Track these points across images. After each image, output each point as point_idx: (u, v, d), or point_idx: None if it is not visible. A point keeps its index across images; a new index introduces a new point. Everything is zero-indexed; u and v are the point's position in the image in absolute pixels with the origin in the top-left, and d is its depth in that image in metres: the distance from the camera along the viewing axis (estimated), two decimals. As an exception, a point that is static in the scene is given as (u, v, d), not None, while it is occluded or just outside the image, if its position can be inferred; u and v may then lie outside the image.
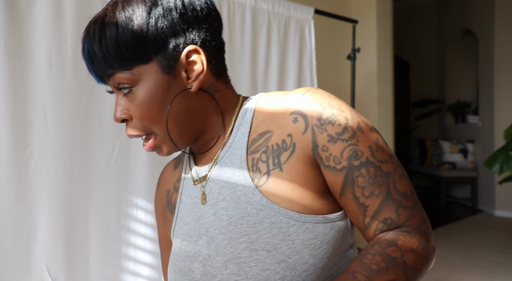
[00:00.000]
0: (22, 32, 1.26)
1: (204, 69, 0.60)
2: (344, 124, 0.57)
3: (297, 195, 0.57)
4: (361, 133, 0.58)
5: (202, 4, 0.61)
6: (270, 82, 2.04)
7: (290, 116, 0.59)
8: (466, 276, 3.00)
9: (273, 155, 0.59)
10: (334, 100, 0.60)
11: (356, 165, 0.56)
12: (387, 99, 3.38)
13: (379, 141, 0.59)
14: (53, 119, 1.32)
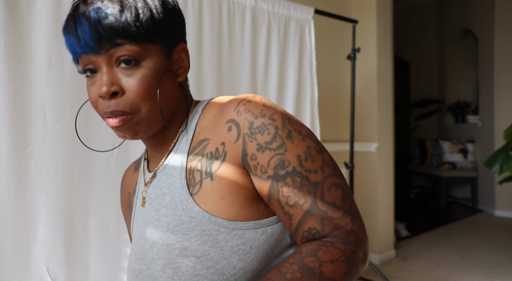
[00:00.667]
0: (22, 32, 1.26)
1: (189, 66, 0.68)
2: (273, 134, 0.57)
3: (226, 203, 0.59)
4: (291, 142, 0.58)
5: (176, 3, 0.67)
6: (270, 82, 2.04)
7: (226, 124, 0.60)
8: (466, 276, 3.00)
9: (206, 163, 0.61)
10: (267, 109, 0.59)
11: (281, 174, 0.57)
12: (387, 99, 3.38)
13: (311, 149, 0.59)
14: (52, 119, 1.32)
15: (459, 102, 6.06)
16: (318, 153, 0.60)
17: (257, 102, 0.60)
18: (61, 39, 1.33)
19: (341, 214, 0.57)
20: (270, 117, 0.58)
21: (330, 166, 0.60)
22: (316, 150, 0.60)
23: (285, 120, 0.59)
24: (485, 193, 5.31)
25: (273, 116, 0.59)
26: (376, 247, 3.28)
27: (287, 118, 0.60)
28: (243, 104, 0.60)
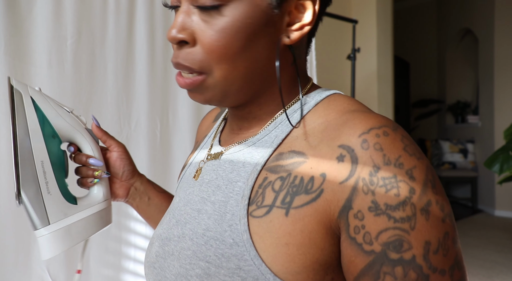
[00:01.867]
0: (22, 32, 1.26)
1: (312, 21, 0.47)
2: (404, 198, 0.39)
3: (288, 254, 0.41)
4: (425, 220, 0.39)
5: None
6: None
7: (338, 149, 0.42)
8: (466, 276, 3.00)
9: (289, 189, 0.43)
10: (408, 158, 0.40)
11: (392, 258, 0.38)
12: (387, 99, 3.38)
13: (448, 238, 0.40)
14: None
15: (459, 102, 6.06)
16: (453, 244, 0.40)
17: (396, 142, 0.41)
18: (61, 39, 1.33)
19: None
20: (407, 172, 0.40)
21: (462, 268, 0.40)
22: (453, 239, 0.40)
23: (429, 183, 0.40)
24: (485, 193, 5.31)
25: (413, 171, 0.40)
26: (376, 247, 3.27)
27: (432, 181, 0.40)
28: (376, 136, 0.41)
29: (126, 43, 1.47)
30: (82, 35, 1.38)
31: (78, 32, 1.36)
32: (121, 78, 1.46)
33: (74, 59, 1.36)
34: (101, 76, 1.43)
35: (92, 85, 1.40)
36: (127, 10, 1.48)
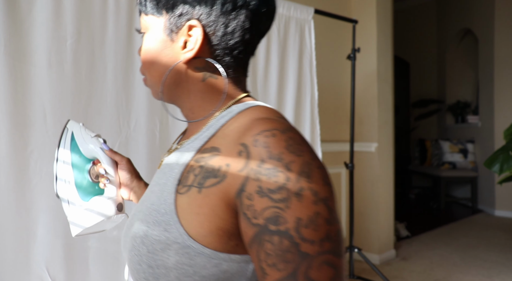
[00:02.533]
0: (22, 32, 1.26)
1: (196, 47, 0.61)
2: (281, 184, 0.50)
3: (198, 221, 0.55)
4: (298, 201, 0.50)
5: None
6: (270, 82, 2.04)
7: (239, 146, 0.55)
8: (466, 276, 3.00)
9: (204, 174, 0.57)
10: (287, 155, 0.51)
11: (271, 229, 0.50)
12: (387, 99, 3.38)
13: (319, 218, 0.50)
14: (52, 119, 1.32)
15: (459, 102, 6.06)
16: (326, 224, 0.50)
17: (280, 142, 0.52)
18: (61, 40, 1.33)
19: None
20: (285, 165, 0.51)
21: (334, 242, 0.51)
22: (325, 219, 0.50)
23: (304, 175, 0.51)
24: (485, 193, 5.31)
25: (290, 165, 0.51)
26: (376, 247, 3.28)
27: (307, 173, 0.51)
28: (265, 136, 0.53)
29: (126, 43, 1.47)
30: (82, 36, 1.38)
31: (78, 32, 1.36)
32: (120, 78, 1.46)
33: (74, 59, 1.36)
34: (101, 76, 1.43)
35: (91, 85, 1.40)
36: (127, 10, 1.48)
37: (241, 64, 0.65)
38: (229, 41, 0.62)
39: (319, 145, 2.30)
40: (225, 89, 0.64)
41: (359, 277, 2.81)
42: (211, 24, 0.60)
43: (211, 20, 0.60)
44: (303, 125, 2.22)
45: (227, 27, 0.61)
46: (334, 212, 0.52)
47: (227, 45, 0.62)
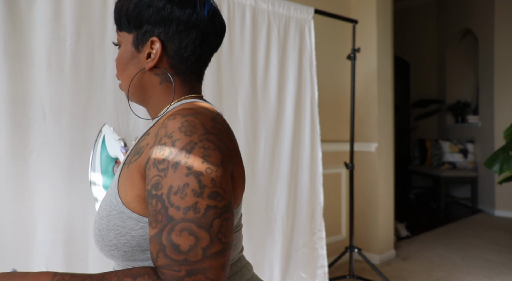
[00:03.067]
0: (21, 33, 1.26)
1: (155, 58, 0.75)
2: (165, 157, 0.61)
3: (125, 190, 0.68)
4: (173, 172, 0.60)
5: (183, 15, 0.73)
6: (270, 82, 2.04)
7: (157, 129, 0.68)
8: (466, 276, 3.00)
9: (133, 153, 0.71)
10: (177, 133, 0.62)
11: (153, 193, 0.60)
12: (387, 99, 3.38)
13: (188, 187, 0.59)
14: (52, 119, 1.32)
15: (459, 102, 6.06)
16: (193, 195, 0.58)
17: (175, 123, 0.63)
18: (61, 40, 1.33)
19: (180, 259, 0.56)
20: (172, 142, 0.61)
21: (199, 214, 0.58)
22: (193, 191, 0.58)
23: (184, 151, 0.60)
24: (485, 193, 5.31)
25: (176, 142, 0.61)
26: (376, 247, 3.28)
27: (188, 151, 0.60)
28: (169, 119, 0.65)
29: (126, 43, 1.47)
30: (81, 36, 1.38)
31: (78, 32, 1.36)
32: (120, 78, 1.46)
33: (73, 59, 1.36)
34: (100, 77, 1.43)
35: (91, 85, 1.40)
36: (127, 10, 1.49)
37: (195, 72, 0.79)
38: (183, 54, 0.76)
39: (319, 144, 2.30)
40: (174, 90, 0.77)
41: (359, 277, 2.81)
42: (168, 40, 0.75)
43: (169, 37, 0.75)
44: (303, 125, 2.22)
45: (181, 43, 0.75)
46: (208, 188, 0.60)
47: (182, 57, 0.76)
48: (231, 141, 0.68)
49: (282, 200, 2.10)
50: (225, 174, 0.63)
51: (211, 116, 0.67)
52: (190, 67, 0.78)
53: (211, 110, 0.72)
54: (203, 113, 0.66)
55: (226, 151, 0.65)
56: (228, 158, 0.65)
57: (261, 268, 2.02)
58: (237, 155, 0.70)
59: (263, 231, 2.03)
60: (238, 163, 0.70)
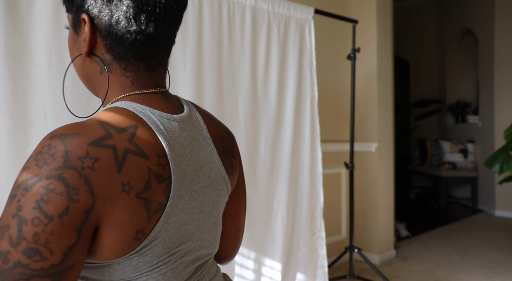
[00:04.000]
0: (22, 32, 1.26)
1: (86, 39, 0.62)
2: (14, 182, 0.52)
3: None
4: (8, 204, 0.50)
5: None
6: (270, 82, 2.04)
7: None
8: (466, 276, 3.00)
9: None
10: (31, 161, 0.51)
11: None
12: (387, 99, 3.38)
13: (8, 231, 0.49)
14: (53, 119, 1.32)
15: (459, 102, 6.05)
16: (9, 243, 0.48)
17: (38, 146, 0.52)
18: (61, 39, 1.33)
19: None
20: (23, 169, 0.52)
21: (7, 266, 0.48)
22: (10, 238, 0.48)
23: (24, 185, 0.50)
24: (485, 193, 5.31)
25: (24, 171, 0.51)
26: (376, 247, 3.28)
27: (28, 187, 0.50)
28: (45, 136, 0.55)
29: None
30: (82, 35, 1.38)
31: (78, 32, 1.37)
32: (121, 78, 1.46)
33: (74, 59, 1.36)
34: (101, 76, 1.43)
35: (92, 85, 1.40)
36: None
37: (140, 56, 0.63)
38: (117, 32, 0.60)
39: (319, 144, 2.30)
40: (108, 83, 0.63)
41: (359, 277, 2.81)
42: (97, 15, 0.60)
43: (96, 11, 0.60)
44: (303, 125, 2.22)
45: (111, 17, 0.60)
46: (26, 242, 0.48)
47: (116, 36, 0.61)
48: (113, 176, 0.52)
49: (282, 200, 2.10)
50: (63, 229, 0.49)
51: (94, 139, 0.52)
52: (130, 49, 0.61)
53: (112, 125, 0.56)
54: (83, 134, 0.52)
55: (85, 196, 0.50)
56: (82, 208, 0.50)
57: (261, 268, 2.03)
58: (119, 195, 0.53)
59: (263, 231, 2.03)
60: (117, 206, 0.53)
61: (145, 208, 0.55)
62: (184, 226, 0.63)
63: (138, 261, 0.58)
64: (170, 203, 0.59)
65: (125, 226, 0.54)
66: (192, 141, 0.65)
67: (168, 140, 0.60)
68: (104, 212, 0.52)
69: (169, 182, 0.58)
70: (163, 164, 0.58)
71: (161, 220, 0.58)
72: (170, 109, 0.65)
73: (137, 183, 0.54)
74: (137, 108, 0.60)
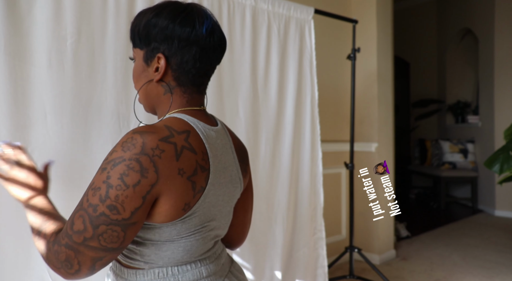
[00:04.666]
0: (22, 32, 1.26)
1: (161, 71, 0.85)
2: (104, 159, 0.76)
3: None
4: (99, 173, 0.74)
5: (184, 33, 0.82)
6: (270, 82, 2.04)
7: None
8: (466, 276, 3.00)
9: None
10: (119, 146, 0.74)
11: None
12: (387, 99, 3.38)
13: (99, 191, 0.72)
14: (53, 119, 1.32)
15: (459, 102, 6.05)
16: (99, 199, 0.72)
17: (124, 137, 0.75)
18: (61, 39, 1.33)
19: (69, 233, 0.73)
20: (113, 151, 0.74)
21: (95, 214, 0.71)
22: (100, 196, 0.71)
23: (112, 163, 0.72)
24: (485, 193, 5.31)
25: (113, 153, 0.74)
26: (376, 247, 3.28)
27: (115, 164, 0.72)
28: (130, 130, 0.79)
29: (126, 43, 1.47)
30: (82, 35, 1.38)
31: (78, 32, 1.36)
32: (120, 78, 1.46)
33: (74, 59, 1.36)
34: (101, 76, 1.42)
35: (91, 85, 1.40)
36: (127, 10, 1.48)
37: (196, 83, 0.88)
38: (185, 68, 0.85)
39: (319, 144, 2.30)
40: (171, 101, 0.87)
41: (359, 277, 2.81)
42: (172, 56, 0.84)
43: (172, 53, 0.84)
44: (304, 125, 2.22)
45: (183, 57, 0.84)
46: (110, 200, 0.71)
47: (184, 70, 0.85)
48: (173, 163, 0.74)
49: (282, 200, 2.10)
50: (134, 195, 0.71)
51: (162, 137, 0.75)
52: (192, 79, 0.87)
53: (174, 129, 0.78)
54: (155, 132, 0.75)
55: (153, 174, 0.72)
56: (149, 182, 0.72)
57: (261, 268, 2.02)
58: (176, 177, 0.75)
59: (264, 231, 2.03)
60: (174, 184, 0.75)
61: (192, 188, 0.77)
62: (213, 208, 0.84)
63: (181, 227, 0.79)
64: (208, 187, 0.80)
65: (178, 198, 0.76)
66: (223, 147, 0.88)
67: (209, 143, 0.83)
68: (164, 187, 0.74)
69: (208, 172, 0.81)
70: (205, 159, 0.80)
71: (201, 199, 0.80)
72: (209, 122, 0.89)
73: (189, 169, 0.76)
74: (189, 119, 0.83)
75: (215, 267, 0.89)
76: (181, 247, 0.81)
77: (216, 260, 0.90)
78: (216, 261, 0.90)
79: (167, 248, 0.81)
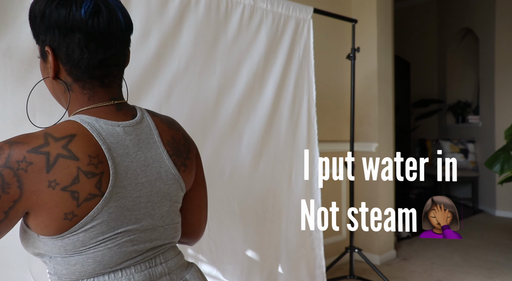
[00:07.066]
0: (13, 31, 1.24)
1: (52, 66, 0.77)
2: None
3: None
4: None
5: (60, 18, 0.72)
6: (268, 82, 2.02)
7: None
8: (466, 276, 2.98)
9: None
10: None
11: None
12: (387, 99, 3.36)
13: None
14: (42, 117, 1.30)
15: (459, 102, 6.04)
16: None
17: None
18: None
19: None
20: None
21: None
22: None
23: None
24: (485, 193, 5.29)
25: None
26: (376, 247, 3.26)
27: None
28: None
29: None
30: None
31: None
32: (117, 77, 1.45)
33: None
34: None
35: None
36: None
37: (94, 76, 0.77)
38: (74, 59, 0.75)
39: (316, 144, 2.28)
40: (69, 101, 0.79)
41: (359, 278, 2.79)
42: (57, 47, 0.75)
43: (56, 44, 0.75)
44: (300, 125, 2.19)
45: (68, 48, 0.74)
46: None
47: (73, 62, 0.75)
48: (41, 176, 0.67)
49: (278, 200, 2.08)
50: None
51: (32, 147, 0.67)
52: (86, 71, 0.76)
53: (53, 135, 0.70)
54: (26, 143, 0.68)
55: (15, 190, 0.66)
56: (10, 198, 0.66)
57: (259, 269, 2.01)
58: (44, 191, 0.67)
59: (260, 233, 2.01)
60: (42, 198, 0.68)
61: (72, 197, 0.69)
62: (130, 212, 0.76)
63: (84, 236, 0.72)
64: (109, 191, 0.72)
65: (51, 210, 0.68)
66: (139, 142, 0.79)
67: (108, 143, 0.74)
68: (30, 201, 0.68)
69: (101, 176, 0.71)
70: (94, 163, 0.71)
71: (100, 204, 0.71)
72: (119, 117, 0.79)
73: (65, 179, 0.68)
74: (84, 120, 0.74)
75: (144, 276, 0.79)
76: (91, 258, 0.73)
77: (149, 269, 0.80)
78: (150, 270, 0.80)
79: (76, 261, 0.73)
